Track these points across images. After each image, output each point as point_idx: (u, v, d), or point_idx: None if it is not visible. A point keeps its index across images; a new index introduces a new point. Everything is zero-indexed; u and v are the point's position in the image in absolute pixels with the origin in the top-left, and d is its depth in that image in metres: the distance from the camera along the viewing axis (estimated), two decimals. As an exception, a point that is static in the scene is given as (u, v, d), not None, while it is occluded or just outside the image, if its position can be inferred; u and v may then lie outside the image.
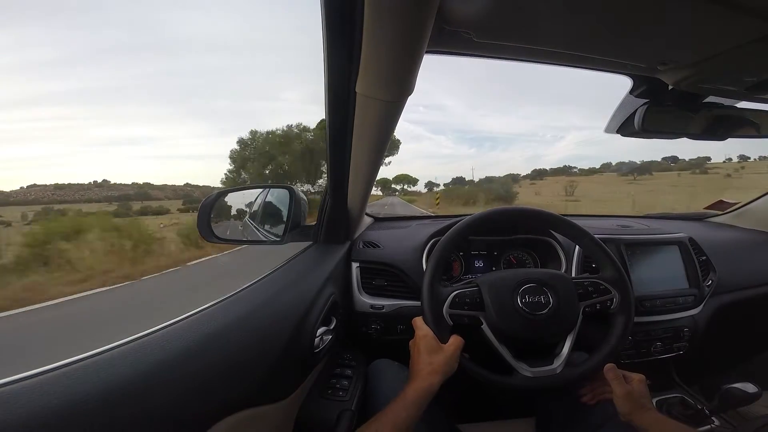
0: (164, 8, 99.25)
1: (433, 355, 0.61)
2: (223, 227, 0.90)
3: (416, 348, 0.64)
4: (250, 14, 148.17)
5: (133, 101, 61.52)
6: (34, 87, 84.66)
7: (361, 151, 0.69)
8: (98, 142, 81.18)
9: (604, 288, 0.72)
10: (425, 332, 0.64)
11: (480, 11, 0.46)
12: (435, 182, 54.24)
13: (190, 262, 7.32)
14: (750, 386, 0.73)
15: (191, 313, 0.51)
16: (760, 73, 0.61)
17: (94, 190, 69.82)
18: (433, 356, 0.61)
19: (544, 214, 0.79)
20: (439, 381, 0.59)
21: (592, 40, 0.55)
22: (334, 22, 0.43)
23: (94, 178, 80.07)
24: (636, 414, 0.61)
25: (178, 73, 69.48)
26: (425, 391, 0.57)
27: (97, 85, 66.78)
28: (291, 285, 0.70)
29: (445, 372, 0.60)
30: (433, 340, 0.63)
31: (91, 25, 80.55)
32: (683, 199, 11.66)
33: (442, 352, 0.62)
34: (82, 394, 0.32)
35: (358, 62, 0.46)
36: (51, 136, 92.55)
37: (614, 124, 0.80)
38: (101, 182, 78.70)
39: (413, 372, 0.61)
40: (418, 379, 0.58)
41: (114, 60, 68.71)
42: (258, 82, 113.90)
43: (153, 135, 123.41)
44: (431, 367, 0.60)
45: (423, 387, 0.57)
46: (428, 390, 0.57)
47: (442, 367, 0.60)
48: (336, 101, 0.57)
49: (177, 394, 0.39)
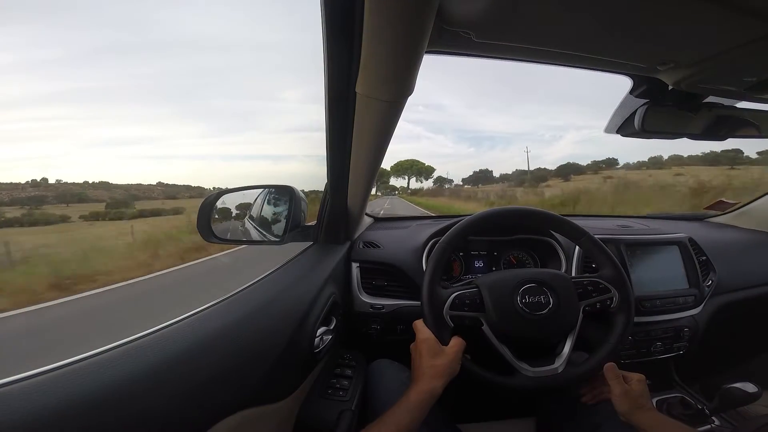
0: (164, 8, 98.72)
1: (435, 358, 0.61)
2: (223, 227, 0.90)
3: (418, 351, 0.64)
4: (250, 14, 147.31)
5: (129, 101, 60.88)
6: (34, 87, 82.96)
7: (361, 151, 0.69)
8: (95, 142, 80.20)
9: (604, 287, 0.72)
10: (426, 335, 0.64)
11: (480, 11, 0.46)
12: (447, 178, 45.99)
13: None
14: (750, 386, 0.74)
15: (191, 313, 0.52)
16: (760, 73, 0.61)
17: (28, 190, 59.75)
18: (435, 359, 0.61)
19: (544, 214, 0.80)
20: (443, 384, 0.59)
21: (592, 40, 0.55)
22: (334, 22, 0.43)
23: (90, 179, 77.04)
24: (636, 414, 0.61)
25: (177, 73, 69.53)
26: (428, 394, 0.57)
27: (96, 85, 66.37)
28: (291, 285, 0.70)
29: (447, 374, 0.60)
30: (435, 342, 0.63)
31: (90, 25, 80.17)
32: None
33: (444, 355, 0.62)
34: (82, 394, 0.32)
35: (358, 62, 0.46)
36: (49, 136, 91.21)
37: (614, 124, 0.80)
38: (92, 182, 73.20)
39: (416, 375, 0.61)
40: (421, 382, 0.58)
41: (113, 60, 68.43)
42: (258, 82, 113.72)
43: (148, 135, 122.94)
44: (434, 370, 0.59)
45: (426, 390, 0.57)
46: (431, 393, 0.57)
47: (444, 370, 0.60)
48: (336, 101, 0.57)
49: (177, 394, 0.39)
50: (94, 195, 48.10)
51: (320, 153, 0.75)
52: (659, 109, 0.73)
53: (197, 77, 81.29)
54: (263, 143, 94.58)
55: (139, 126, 69.43)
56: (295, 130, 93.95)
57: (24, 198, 50.90)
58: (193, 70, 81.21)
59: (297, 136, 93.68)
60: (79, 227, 23.31)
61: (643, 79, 0.70)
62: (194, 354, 0.43)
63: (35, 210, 35.46)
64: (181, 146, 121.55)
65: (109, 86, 65.65)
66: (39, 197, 51.90)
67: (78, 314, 4.15)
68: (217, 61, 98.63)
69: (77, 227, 23.51)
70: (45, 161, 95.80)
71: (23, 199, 50.76)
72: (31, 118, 78.95)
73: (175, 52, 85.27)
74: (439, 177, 49.07)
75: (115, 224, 21.65)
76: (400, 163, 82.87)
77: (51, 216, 31.40)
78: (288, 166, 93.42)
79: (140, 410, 0.35)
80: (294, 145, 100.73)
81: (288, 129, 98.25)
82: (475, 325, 0.67)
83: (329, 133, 0.66)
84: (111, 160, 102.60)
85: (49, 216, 31.14)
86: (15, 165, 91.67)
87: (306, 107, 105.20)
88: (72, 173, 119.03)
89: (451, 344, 0.63)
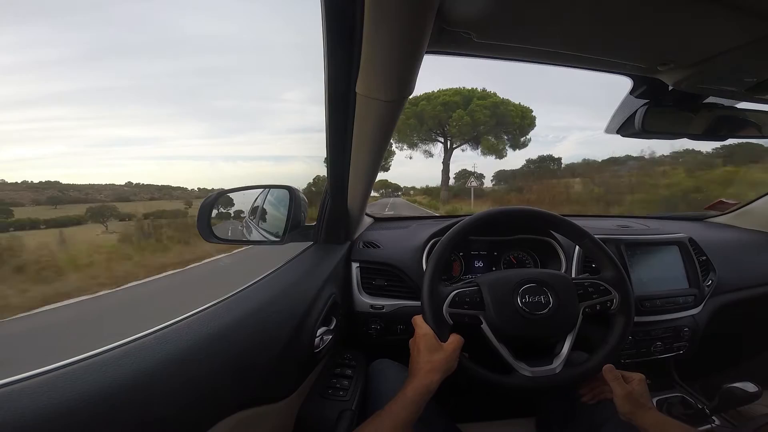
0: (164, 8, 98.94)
1: (432, 354, 0.61)
2: (224, 227, 0.90)
3: (416, 346, 0.64)
4: (250, 14, 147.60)
5: (128, 101, 59.05)
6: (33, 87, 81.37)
7: (361, 151, 0.69)
8: (98, 142, 78.31)
9: (605, 289, 0.72)
10: (425, 331, 0.64)
11: (480, 11, 0.46)
12: (473, 171, 26.20)
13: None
14: (750, 386, 0.74)
15: (191, 313, 0.52)
16: (760, 73, 0.61)
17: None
18: (433, 354, 0.61)
19: (544, 214, 0.80)
20: (439, 379, 0.59)
21: (592, 40, 0.55)
22: (334, 22, 0.43)
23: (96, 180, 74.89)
24: (636, 414, 0.61)
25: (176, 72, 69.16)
26: (425, 389, 0.57)
27: (95, 85, 65.12)
28: (291, 285, 0.70)
29: (444, 370, 0.60)
30: (433, 338, 0.63)
31: (91, 23, 79.47)
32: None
33: (442, 351, 0.62)
34: (83, 394, 0.32)
35: (358, 62, 0.46)
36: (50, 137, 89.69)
37: (614, 124, 0.80)
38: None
39: (413, 370, 0.61)
40: (418, 377, 0.58)
41: (114, 60, 67.04)
42: (258, 82, 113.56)
43: (150, 135, 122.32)
44: (431, 365, 0.60)
45: (423, 385, 0.57)
46: (427, 388, 0.57)
47: (441, 366, 0.60)
48: (336, 101, 0.57)
49: (178, 394, 0.39)
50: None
51: (320, 153, 0.75)
52: (659, 110, 0.73)
53: (197, 77, 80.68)
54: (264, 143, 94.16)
55: (139, 126, 67.89)
56: (296, 130, 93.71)
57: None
58: (192, 70, 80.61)
59: (297, 136, 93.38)
60: None
61: (643, 80, 0.70)
62: (194, 354, 0.43)
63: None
64: (181, 147, 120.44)
65: (108, 86, 63.59)
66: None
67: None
68: (217, 62, 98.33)
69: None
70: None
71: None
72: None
73: (175, 53, 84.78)
74: (463, 171, 27.44)
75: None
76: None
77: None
78: (288, 167, 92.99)
79: (140, 410, 0.35)
80: (294, 145, 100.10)
81: (288, 129, 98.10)
82: (475, 324, 0.67)
83: (329, 133, 0.66)
84: (110, 161, 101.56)
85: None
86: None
87: (306, 107, 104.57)
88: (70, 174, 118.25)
89: (450, 341, 0.64)
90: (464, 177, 26.75)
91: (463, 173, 26.97)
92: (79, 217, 22.41)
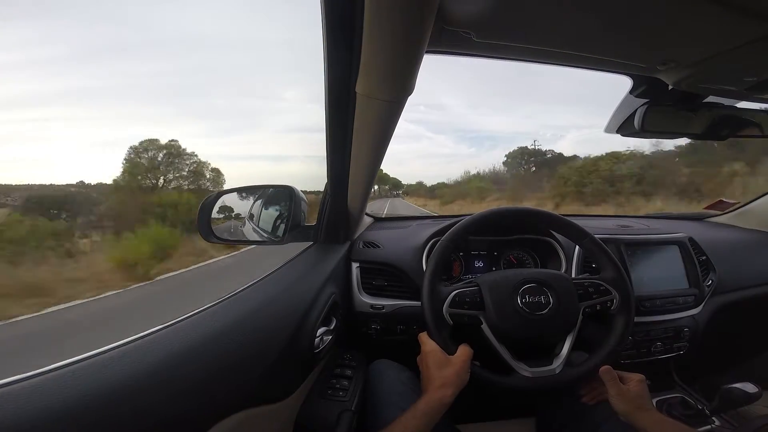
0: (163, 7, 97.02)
1: (441, 369, 0.61)
2: (223, 227, 0.90)
3: (424, 364, 0.63)
4: (249, 14, 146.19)
5: (128, 101, 56.74)
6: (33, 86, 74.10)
7: (361, 151, 0.69)
8: (98, 142, 72.70)
9: (605, 289, 0.72)
10: (431, 347, 0.64)
11: (480, 11, 0.46)
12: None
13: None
14: (750, 386, 0.74)
15: (191, 314, 0.51)
16: (760, 73, 0.61)
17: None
18: (443, 370, 0.61)
19: (544, 214, 0.80)
20: (453, 393, 0.58)
21: (592, 40, 0.55)
22: (334, 21, 0.43)
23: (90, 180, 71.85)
24: (636, 414, 0.61)
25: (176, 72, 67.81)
26: (437, 403, 0.57)
27: (95, 84, 61.54)
28: (291, 285, 0.70)
29: (457, 384, 0.59)
30: (440, 353, 0.63)
31: (90, 23, 75.73)
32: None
33: (451, 365, 0.61)
34: (82, 394, 0.32)
35: (358, 62, 0.46)
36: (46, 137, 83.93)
37: (614, 123, 0.80)
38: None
39: (425, 386, 0.61)
40: (430, 391, 0.58)
41: (113, 58, 64.36)
42: (258, 82, 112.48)
43: (146, 135, 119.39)
44: (441, 380, 0.59)
45: (435, 399, 0.57)
46: (440, 402, 0.57)
47: (452, 380, 0.59)
48: (336, 101, 0.57)
49: (177, 395, 0.39)
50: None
51: (320, 153, 0.75)
52: (659, 109, 0.73)
53: (196, 76, 78.32)
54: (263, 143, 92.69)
55: (138, 126, 64.98)
56: (296, 130, 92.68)
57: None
58: (191, 68, 78.03)
59: (297, 136, 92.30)
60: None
61: (643, 79, 0.70)
62: (194, 354, 0.43)
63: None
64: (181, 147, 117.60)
65: (106, 85, 59.94)
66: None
67: None
68: (217, 60, 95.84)
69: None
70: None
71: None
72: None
73: (173, 51, 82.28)
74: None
75: None
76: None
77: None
78: (288, 167, 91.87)
79: (140, 410, 0.35)
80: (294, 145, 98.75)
81: (288, 129, 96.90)
82: (475, 324, 0.67)
83: (329, 133, 0.66)
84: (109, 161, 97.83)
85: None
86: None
87: (306, 107, 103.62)
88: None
89: (458, 354, 0.63)
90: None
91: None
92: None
